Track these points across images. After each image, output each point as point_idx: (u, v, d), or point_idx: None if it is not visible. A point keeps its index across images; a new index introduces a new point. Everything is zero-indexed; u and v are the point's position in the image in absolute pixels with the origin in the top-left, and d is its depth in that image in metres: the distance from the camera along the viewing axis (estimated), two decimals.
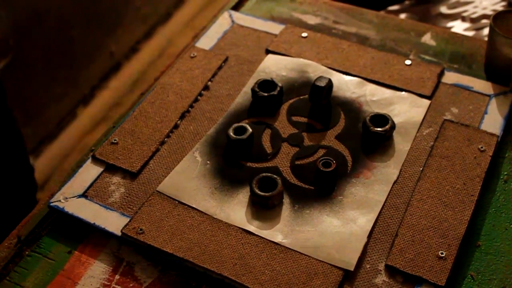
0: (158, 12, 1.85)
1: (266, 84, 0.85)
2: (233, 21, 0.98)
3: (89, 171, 0.77)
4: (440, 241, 0.69)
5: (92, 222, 0.72)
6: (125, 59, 1.74)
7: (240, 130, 0.79)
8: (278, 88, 0.84)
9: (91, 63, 1.61)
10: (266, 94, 0.83)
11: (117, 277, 0.69)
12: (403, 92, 0.86)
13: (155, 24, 1.85)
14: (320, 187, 0.75)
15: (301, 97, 0.86)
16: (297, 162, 0.78)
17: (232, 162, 0.78)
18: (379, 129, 0.78)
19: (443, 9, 1.18)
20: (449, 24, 1.15)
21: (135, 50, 1.78)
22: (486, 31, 1.11)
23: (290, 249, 0.69)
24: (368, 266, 0.68)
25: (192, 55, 0.92)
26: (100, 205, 0.74)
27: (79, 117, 1.61)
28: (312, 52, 0.92)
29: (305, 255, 0.68)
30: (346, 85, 0.87)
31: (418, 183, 0.74)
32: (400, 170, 0.76)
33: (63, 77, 1.51)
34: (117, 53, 1.71)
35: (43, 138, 1.51)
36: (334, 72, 0.89)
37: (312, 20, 1.00)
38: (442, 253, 0.67)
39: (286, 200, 0.74)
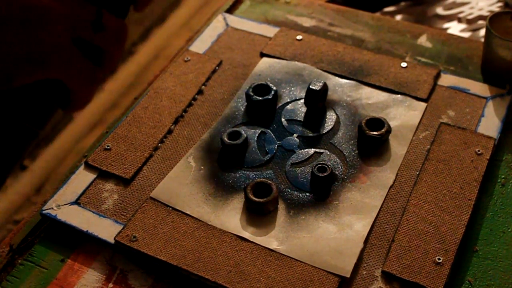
0: (153, 14, 1.85)
1: (261, 88, 0.84)
2: (227, 24, 0.98)
3: (82, 178, 0.77)
4: (437, 247, 0.68)
5: (85, 229, 0.71)
6: (121, 62, 1.74)
7: (235, 135, 0.78)
8: (273, 92, 0.83)
9: None
10: (260, 98, 0.83)
11: (110, 285, 0.68)
12: (399, 95, 0.85)
13: (151, 26, 1.84)
14: (315, 192, 0.74)
15: (296, 101, 0.85)
16: (292, 167, 0.77)
17: (227, 168, 0.77)
18: (375, 133, 0.77)
19: (439, 10, 1.18)
20: (445, 25, 1.14)
21: (131, 53, 1.77)
22: (482, 32, 1.10)
23: (285, 255, 0.68)
24: (365, 272, 0.67)
25: (185, 59, 0.91)
26: (93, 212, 0.73)
27: (75, 120, 1.61)
28: (307, 55, 0.92)
29: (300, 261, 0.67)
30: (341, 88, 0.86)
31: (415, 187, 0.74)
32: (397, 175, 0.75)
33: None
34: None
35: (39, 141, 1.50)
36: (329, 75, 0.88)
37: (307, 22, 1.00)
38: (439, 259, 0.67)
39: (281, 206, 0.73)
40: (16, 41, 0.34)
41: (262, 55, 0.92)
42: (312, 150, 0.79)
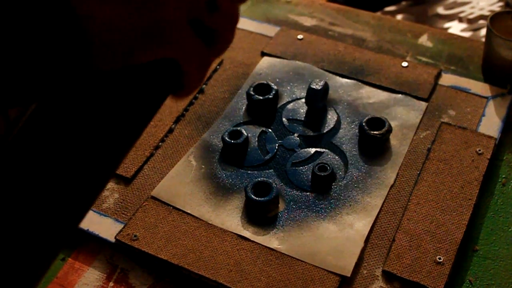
0: None
1: (262, 87, 0.84)
2: None
3: None
4: (438, 246, 0.68)
5: (85, 228, 0.71)
6: None
7: (235, 134, 0.78)
8: (274, 91, 0.83)
9: None
10: (261, 98, 0.83)
11: (111, 284, 0.68)
12: (400, 95, 0.85)
13: None
14: (316, 191, 0.74)
15: (297, 100, 0.85)
16: (293, 167, 0.77)
17: (227, 167, 0.77)
18: (375, 132, 0.77)
19: (440, 10, 1.18)
20: (446, 25, 1.15)
21: None
22: (483, 31, 1.10)
23: (286, 255, 0.68)
24: (365, 271, 0.67)
25: None
26: (94, 211, 0.73)
27: None
28: (307, 54, 0.92)
29: (301, 261, 0.67)
30: (342, 87, 0.86)
31: (415, 187, 0.74)
32: (397, 174, 0.75)
33: None
34: None
35: None
36: (330, 74, 0.88)
37: (308, 22, 1.00)
38: (439, 258, 0.67)
39: (281, 205, 0.73)
40: (136, 16, 0.34)
41: (263, 54, 0.92)
42: (313, 150, 0.79)
